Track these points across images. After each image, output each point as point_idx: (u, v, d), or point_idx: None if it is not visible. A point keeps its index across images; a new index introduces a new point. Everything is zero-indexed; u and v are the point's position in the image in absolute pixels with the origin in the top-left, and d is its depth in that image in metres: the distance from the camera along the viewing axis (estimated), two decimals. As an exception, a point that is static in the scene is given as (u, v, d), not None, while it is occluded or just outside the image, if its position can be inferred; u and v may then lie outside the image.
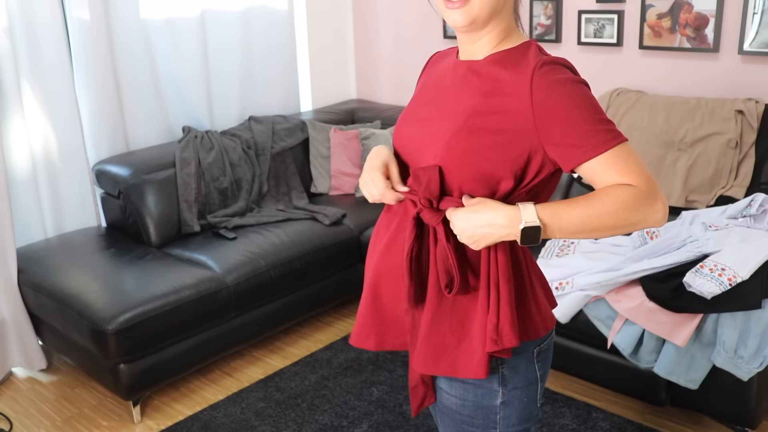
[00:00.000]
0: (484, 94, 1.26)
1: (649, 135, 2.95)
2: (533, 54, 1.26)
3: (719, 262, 2.23)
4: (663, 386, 2.41)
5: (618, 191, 1.18)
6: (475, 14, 1.25)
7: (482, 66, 1.30)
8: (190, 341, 2.81)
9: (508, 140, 1.23)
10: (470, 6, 1.25)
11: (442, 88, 1.36)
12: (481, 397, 1.35)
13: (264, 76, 3.97)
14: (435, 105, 1.35)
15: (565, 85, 1.20)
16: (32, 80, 3.09)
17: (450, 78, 1.35)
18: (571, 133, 1.19)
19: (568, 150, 1.20)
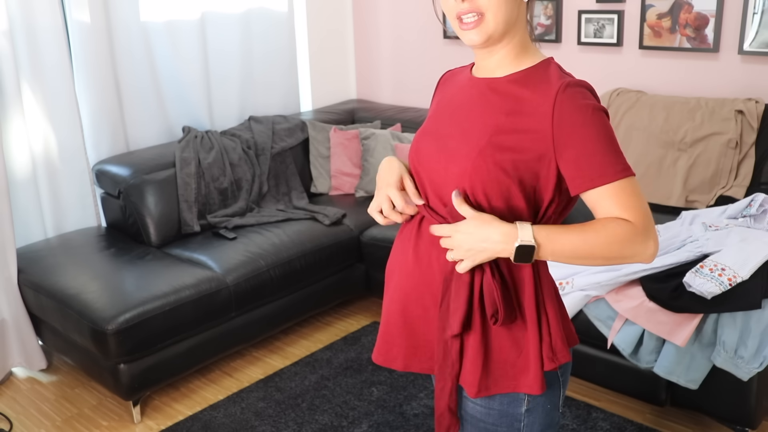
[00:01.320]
0: (506, 113, 1.27)
1: (649, 135, 2.95)
2: (555, 74, 1.27)
3: (719, 262, 2.23)
4: (663, 386, 2.41)
5: (614, 225, 1.21)
6: (491, 31, 1.26)
7: (502, 84, 1.30)
8: (190, 341, 2.81)
9: (529, 159, 1.25)
10: (485, 24, 1.26)
11: (460, 106, 1.36)
12: (507, 405, 1.36)
13: (264, 77, 3.97)
14: (456, 123, 1.34)
15: (586, 111, 1.22)
16: (32, 81, 3.09)
17: (468, 95, 1.35)
18: (584, 160, 1.22)
19: (578, 175, 1.23)
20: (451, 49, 3.84)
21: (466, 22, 1.26)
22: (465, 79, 1.39)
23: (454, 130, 1.33)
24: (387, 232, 3.25)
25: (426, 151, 1.37)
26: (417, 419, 2.64)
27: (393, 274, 1.45)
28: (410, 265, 1.39)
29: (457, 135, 1.32)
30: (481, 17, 1.25)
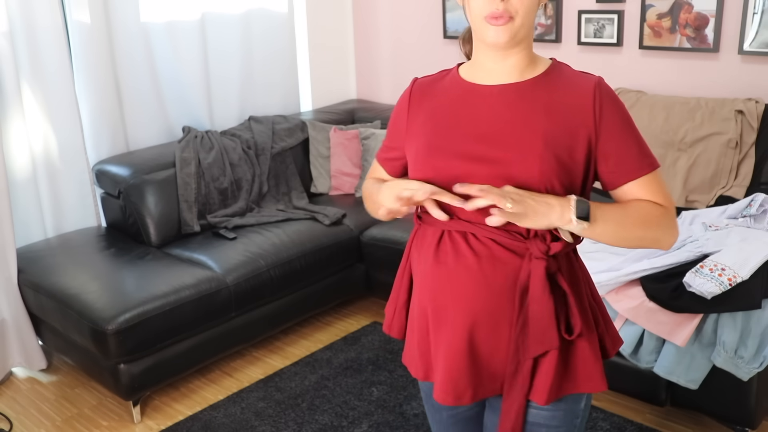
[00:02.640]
0: (546, 114, 1.28)
1: (649, 135, 2.95)
2: (576, 72, 1.34)
3: (719, 262, 2.23)
4: (663, 386, 2.41)
5: (651, 206, 1.30)
6: (515, 32, 1.27)
7: (528, 88, 1.31)
8: (190, 341, 2.81)
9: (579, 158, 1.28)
10: (512, 24, 1.26)
11: (483, 116, 1.31)
12: (572, 402, 1.39)
13: (264, 78, 3.97)
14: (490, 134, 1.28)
15: (621, 107, 1.31)
16: (32, 82, 3.09)
17: (489, 104, 1.31)
18: (624, 154, 1.30)
19: (617, 168, 1.30)
20: (451, 49, 3.84)
21: (496, 17, 1.25)
22: (466, 87, 1.35)
23: (494, 142, 1.28)
24: (387, 232, 3.25)
25: (462, 169, 1.29)
26: (417, 419, 2.64)
27: (447, 307, 1.33)
28: (473, 290, 1.30)
29: (501, 146, 1.27)
30: (511, 19, 1.26)
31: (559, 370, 1.32)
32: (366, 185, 1.56)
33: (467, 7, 1.31)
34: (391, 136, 1.50)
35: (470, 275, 1.30)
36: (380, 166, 1.55)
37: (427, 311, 1.37)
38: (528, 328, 1.29)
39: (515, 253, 1.29)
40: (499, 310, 1.30)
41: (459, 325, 1.32)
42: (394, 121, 1.47)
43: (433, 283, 1.35)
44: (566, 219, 1.24)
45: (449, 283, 1.32)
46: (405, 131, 1.42)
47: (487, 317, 1.31)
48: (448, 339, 1.34)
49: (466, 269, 1.30)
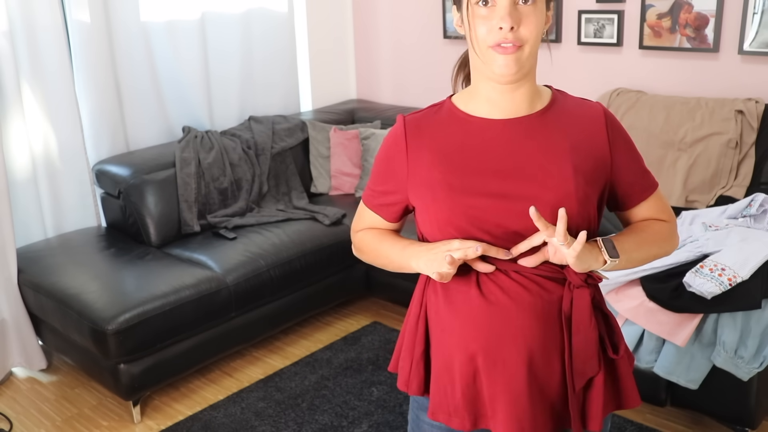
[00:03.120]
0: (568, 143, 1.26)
1: (649, 135, 2.95)
2: (577, 99, 1.35)
3: (719, 262, 2.23)
4: (663, 386, 2.41)
5: (658, 226, 1.36)
6: (523, 61, 1.22)
7: (540, 118, 1.28)
8: (190, 341, 2.81)
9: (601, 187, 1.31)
10: (521, 53, 1.21)
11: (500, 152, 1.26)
12: (608, 419, 1.42)
13: (264, 78, 3.97)
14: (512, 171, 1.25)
15: (625, 131, 1.36)
16: (32, 81, 3.10)
17: (503, 139, 1.27)
18: (636, 175, 1.35)
19: (633, 190, 1.35)
20: (450, 49, 3.84)
21: (504, 46, 1.19)
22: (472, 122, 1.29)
23: (520, 177, 1.24)
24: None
25: (492, 210, 1.24)
26: (417, 419, 2.64)
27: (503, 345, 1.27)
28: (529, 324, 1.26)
29: (529, 181, 1.24)
30: (520, 48, 1.20)
31: (607, 392, 1.33)
32: (364, 239, 1.45)
33: (472, 35, 1.23)
34: (384, 179, 1.38)
35: (522, 309, 1.26)
36: (373, 213, 1.43)
37: (476, 355, 1.29)
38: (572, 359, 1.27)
39: (557, 281, 1.28)
40: (551, 342, 1.28)
41: (519, 362, 1.27)
42: (388, 163, 1.36)
43: (482, 324, 1.28)
44: (600, 261, 1.25)
45: (501, 320, 1.27)
46: (406, 174, 1.32)
47: (542, 351, 1.27)
48: (509, 379, 1.28)
49: (518, 304, 1.26)
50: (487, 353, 1.28)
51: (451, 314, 1.31)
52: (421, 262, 1.29)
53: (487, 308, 1.27)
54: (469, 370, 1.30)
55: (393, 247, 1.38)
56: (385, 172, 1.37)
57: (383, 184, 1.38)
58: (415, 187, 1.31)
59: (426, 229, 1.33)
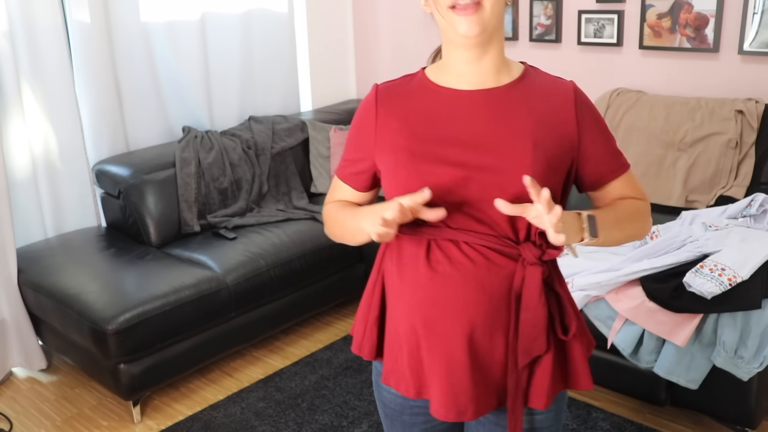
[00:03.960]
0: (529, 117, 1.25)
1: (649, 135, 2.95)
2: (550, 76, 1.33)
3: (719, 262, 2.23)
4: (663, 386, 2.41)
5: (632, 202, 1.35)
6: (486, 21, 1.21)
7: (506, 92, 1.27)
8: (190, 341, 2.81)
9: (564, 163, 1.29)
10: (482, 11, 1.20)
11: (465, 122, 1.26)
12: (560, 401, 1.40)
13: (264, 78, 3.97)
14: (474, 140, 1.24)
15: (596, 110, 1.34)
16: (32, 82, 3.10)
17: (470, 109, 1.27)
18: (607, 154, 1.33)
19: (602, 169, 1.33)
20: (451, 49, 3.84)
21: (463, 5, 1.19)
22: (440, 91, 1.29)
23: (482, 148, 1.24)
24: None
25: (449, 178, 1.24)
26: (417, 419, 2.64)
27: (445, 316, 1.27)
28: (473, 296, 1.25)
29: (490, 152, 1.23)
30: (479, 5, 1.19)
31: (555, 372, 1.31)
32: (329, 210, 1.45)
33: (433, 4, 1.24)
34: (354, 148, 1.39)
35: (468, 281, 1.25)
36: (344, 184, 1.43)
37: (418, 324, 1.29)
38: (518, 336, 1.26)
39: (509, 257, 1.26)
40: (496, 317, 1.26)
41: (458, 334, 1.26)
42: (358, 131, 1.37)
43: (425, 294, 1.28)
44: (579, 237, 1.23)
45: (445, 291, 1.26)
46: (374, 140, 1.33)
47: (484, 324, 1.26)
48: (447, 351, 1.28)
49: (464, 275, 1.25)
50: (427, 323, 1.28)
51: (400, 281, 1.32)
52: (365, 221, 1.27)
53: (431, 277, 1.27)
54: (413, 338, 1.31)
55: (350, 213, 1.38)
56: (356, 139, 1.38)
57: (354, 152, 1.39)
58: (381, 152, 1.32)
59: (389, 196, 1.33)
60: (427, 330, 1.29)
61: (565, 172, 1.29)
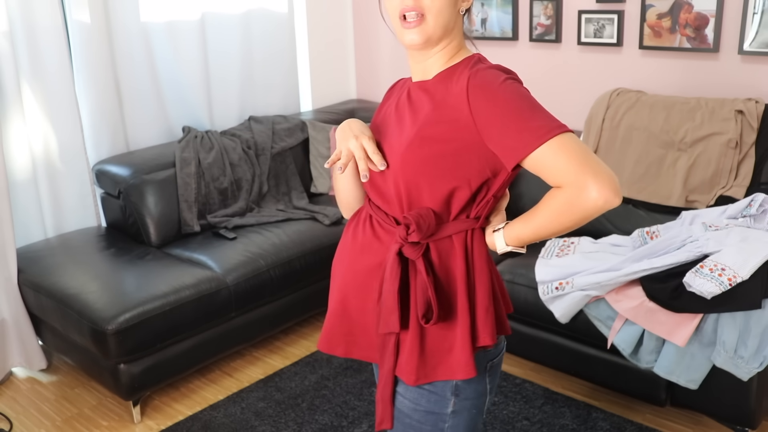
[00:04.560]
0: (433, 107, 1.33)
1: (649, 135, 2.95)
2: (472, 65, 1.33)
3: (719, 262, 2.23)
4: (663, 386, 2.41)
5: (551, 200, 1.24)
6: (430, 32, 1.32)
7: (432, 84, 1.38)
8: (190, 341, 2.81)
9: (457, 149, 1.29)
10: (425, 25, 1.31)
11: (396, 111, 1.42)
12: (434, 403, 1.40)
13: (264, 78, 3.97)
14: (391, 127, 1.40)
15: (493, 87, 1.26)
16: (32, 82, 3.10)
17: (404, 100, 1.41)
18: (505, 135, 1.24)
19: (504, 152, 1.26)
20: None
21: (409, 20, 1.31)
22: (406, 86, 1.45)
23: (391, 133, 1.39)
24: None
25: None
26: (417, 419, 2.64)
27: (337, 266, 1.52)
28: (350, 257, 1.46)
29: (393, 136, 1.38)
30: (422, 18, 1.31)
31: (419, 353, 1.36)
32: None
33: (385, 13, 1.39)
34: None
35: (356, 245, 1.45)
36: None
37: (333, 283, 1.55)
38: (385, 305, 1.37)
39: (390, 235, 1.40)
40: (368, 283, 1.42)
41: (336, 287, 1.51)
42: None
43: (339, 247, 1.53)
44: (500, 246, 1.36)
45: (342, 247, 1.51)
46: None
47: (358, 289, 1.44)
48: (330, 294, 1.54)
49: (357, 241, 1.45)
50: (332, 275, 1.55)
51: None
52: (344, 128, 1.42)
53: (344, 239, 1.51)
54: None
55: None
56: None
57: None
58: None
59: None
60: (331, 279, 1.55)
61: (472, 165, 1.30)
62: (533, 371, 2.92)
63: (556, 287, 2.48)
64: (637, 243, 2.62)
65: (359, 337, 1.48)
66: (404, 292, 1.36)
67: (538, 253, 2.73)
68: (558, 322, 2.52)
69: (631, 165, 2.97)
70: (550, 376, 2.88)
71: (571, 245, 2.75)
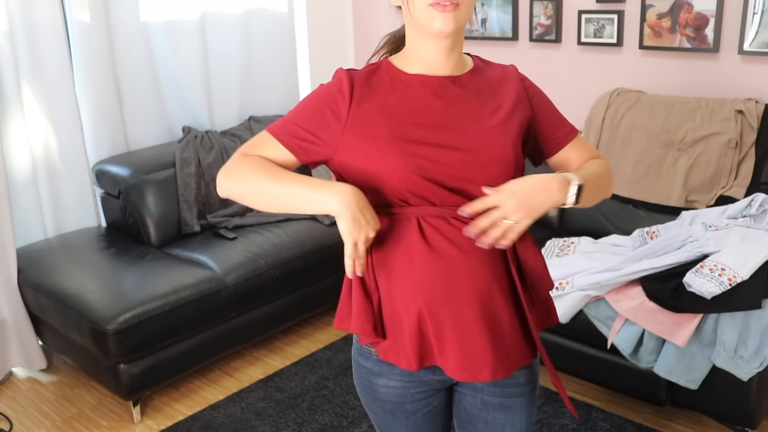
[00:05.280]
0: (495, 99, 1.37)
1: (649, 135, 2.95)
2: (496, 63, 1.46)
3: (719, 262, 2.22)
4: (663, 386, 2.41)
5: (600, 161, 1.45)
6: (461, 20, 1.31)
7: (470, 79, 1.39)
8: (190, 341, 2.81)
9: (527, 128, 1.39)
10: (458, 11, 1.29)
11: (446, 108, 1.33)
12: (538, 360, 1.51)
13: (264, 78, 3.97)
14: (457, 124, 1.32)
15: (538, 87, 1.46)
16: (32, 81, 3.10)
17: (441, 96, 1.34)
18: (555, 122, 1.45)
19: (554, 137, 1.44)
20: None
21: (443, 4, 1.27)
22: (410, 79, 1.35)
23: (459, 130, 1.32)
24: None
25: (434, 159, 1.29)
26: (417, 419, 2.64)
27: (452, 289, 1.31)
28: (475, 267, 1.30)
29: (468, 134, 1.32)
30: (457, 6, 1.28)
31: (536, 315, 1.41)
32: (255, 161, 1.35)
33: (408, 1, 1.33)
34: (314, 123, 1.35)
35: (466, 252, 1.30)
36: (281, 145, 1.36)
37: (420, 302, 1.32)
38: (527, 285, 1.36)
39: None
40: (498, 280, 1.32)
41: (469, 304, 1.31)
42: (324, 111, 1.34)
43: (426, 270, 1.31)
44: (561, 200, 1.30)
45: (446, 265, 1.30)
46: (342, 129, 1.32)
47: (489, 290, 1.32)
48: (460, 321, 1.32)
49: (461, 248, 1.30)
50: (433, 298, 1.31)
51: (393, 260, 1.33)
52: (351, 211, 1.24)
53: (429, 253, 1.30)
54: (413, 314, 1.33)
55: (299, 176, 1.32)
56: (320, 117, 1.35)
57: (311, 127, 1.35)
58: (353, 143, 1.32)
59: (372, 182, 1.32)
60: (433, 305, 1.31)
61: (526, 147, 1.41)
62: (533, 371, 2.92)
63: (556, 287, 2.48)
64: (637, 243, 2.62)
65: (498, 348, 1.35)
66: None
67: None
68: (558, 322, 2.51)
69: (631, 165, 2.97)
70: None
71: (571, 245, 2.75)
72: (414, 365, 1.36)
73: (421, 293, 1.32)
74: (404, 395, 1.45)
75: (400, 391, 1.45)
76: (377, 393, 1.48)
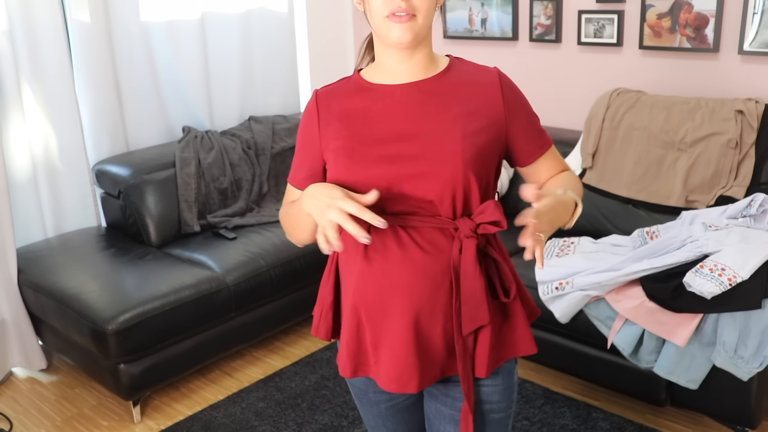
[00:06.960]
0: (458, 104, 1.33)
1: (649, 135, 2.95)
2: (473, 64, 1.42)
3: (719, 262, 2.22)
4: (663, 386, 2.41)
5: (570, 175, 1.45)
6: (418, 30, 1.30)
7: (434, 83, 1.35)
8: (190, 341, 2.81)
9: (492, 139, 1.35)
10: (415, 23, 1.29)
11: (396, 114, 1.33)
12: (507, 377, 1.44)
13: (264, 78, 3.97)
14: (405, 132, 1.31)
15: (520, 92, 1.41)
16: (32, 81, 3.10)
17: (401, 102, 1.33)
18: (531, 133, 1.41)
19: (528, 147, 1.41)
20: (451, 49, 3.84)
21: (399, 15, 1.27)
22: (373, 89, 1.36)
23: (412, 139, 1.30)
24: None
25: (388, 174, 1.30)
26: (417, 419, 2.64)
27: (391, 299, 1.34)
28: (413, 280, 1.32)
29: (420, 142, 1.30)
30: (413, 17, 1.28)
31: (495, 338, 1.37)
32: (283, 211, 1.48)
33: (368, 9, 1.32)
34: (302, 153, 1.43)
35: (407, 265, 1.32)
36: (292, 187, 1.47)
37: (359, 309, 1.37)
38: (461, 305, 1.32)
39: (446, 235, 1.32)
40: (437, 296, 1.33)
41: (402, 316, 1.33)
42: (304, 136, 1.42)
43: (365, 279, 1.35)
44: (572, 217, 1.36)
45: (384, 276, 1.33)
46: (319, 144, 1.38)
47: (426, 305, 1.33)
48: (392, 331, 1.35)
49: (403, 260, 1.32)
50: (369, 307, 1.36)
51: (345, 266, 1.41)
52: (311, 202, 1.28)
53: (370, 263, 1.34)
54: (353, 320, 1.39)
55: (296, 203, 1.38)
56: (303, 145, 1.43)
57: (302, 158, 1.44)
58: (327, 156, 1.38)
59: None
60: (369, 313, 1.36)
61: (498, 155, 1.37)
62: (533, 371, 2.92)
63: (556, 287, 2.48)
64: (637, 243, 2.62)
65: (428, 364, 1.37)
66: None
67: (538, 253, 2.73)
68: (558, 322, 2.52)
69: (631, 165, 2.97)
70: (550, 376, 2.88)
71: (571, 245, 2.75)
72: (348, 372, 1.44)
73: (361, 302, 1.37)
74: (367, 383, 1.52)
75: (364, 380, 1.52)
76: (352, 379, 1.55)
